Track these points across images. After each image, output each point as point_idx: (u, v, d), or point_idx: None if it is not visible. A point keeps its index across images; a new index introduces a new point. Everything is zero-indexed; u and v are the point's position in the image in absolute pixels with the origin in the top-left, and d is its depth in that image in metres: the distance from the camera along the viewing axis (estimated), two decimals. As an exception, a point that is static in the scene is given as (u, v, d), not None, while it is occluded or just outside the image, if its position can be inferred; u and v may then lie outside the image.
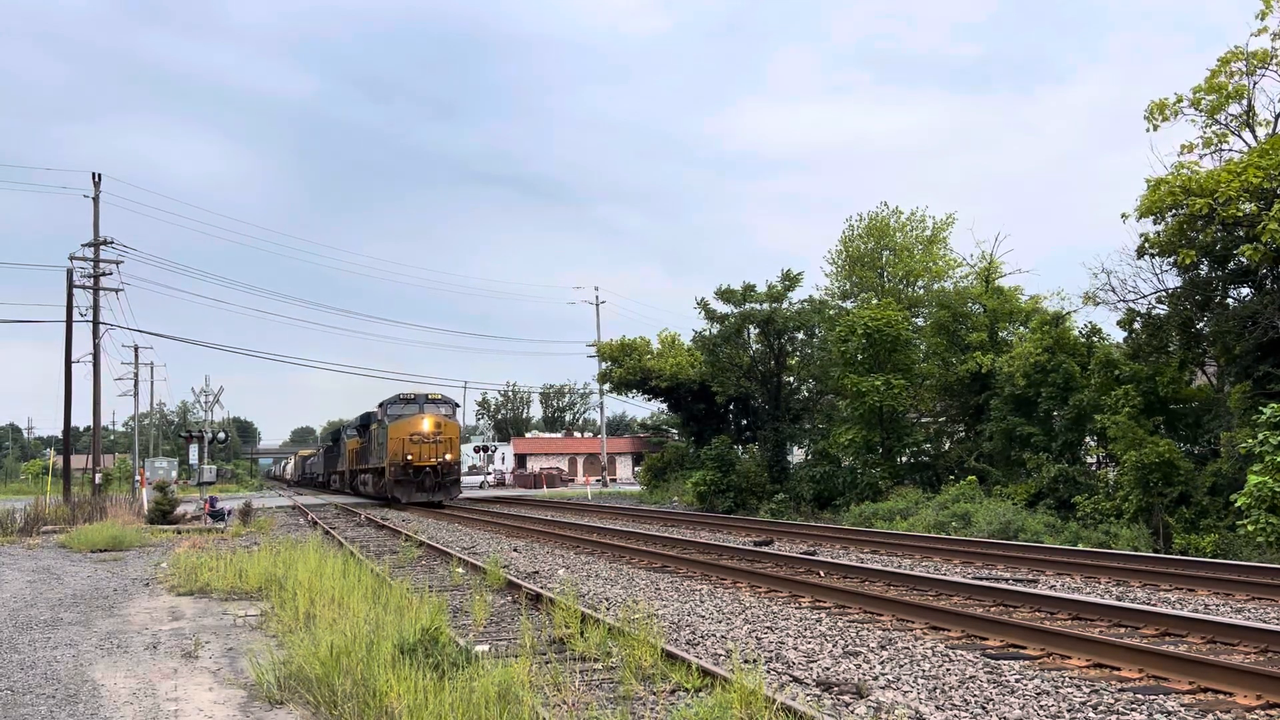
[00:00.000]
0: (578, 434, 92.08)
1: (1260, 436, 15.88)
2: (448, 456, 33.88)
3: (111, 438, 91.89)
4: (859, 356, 26.92)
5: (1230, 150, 20.74)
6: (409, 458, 33.05)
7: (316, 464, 71.76)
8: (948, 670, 6.83)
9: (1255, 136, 20.56)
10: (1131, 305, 22.21)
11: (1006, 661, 7.09)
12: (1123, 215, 20.61)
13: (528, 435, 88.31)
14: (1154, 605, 9.46)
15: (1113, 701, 5.92)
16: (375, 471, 37.56)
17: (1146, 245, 20.84)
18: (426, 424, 34.02)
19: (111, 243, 37.00)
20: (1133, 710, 5.74)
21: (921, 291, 35.09)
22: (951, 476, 24.91)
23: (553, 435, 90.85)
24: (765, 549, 15.94)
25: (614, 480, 68.22)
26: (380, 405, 36.87)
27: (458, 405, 37.88)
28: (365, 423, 41.73)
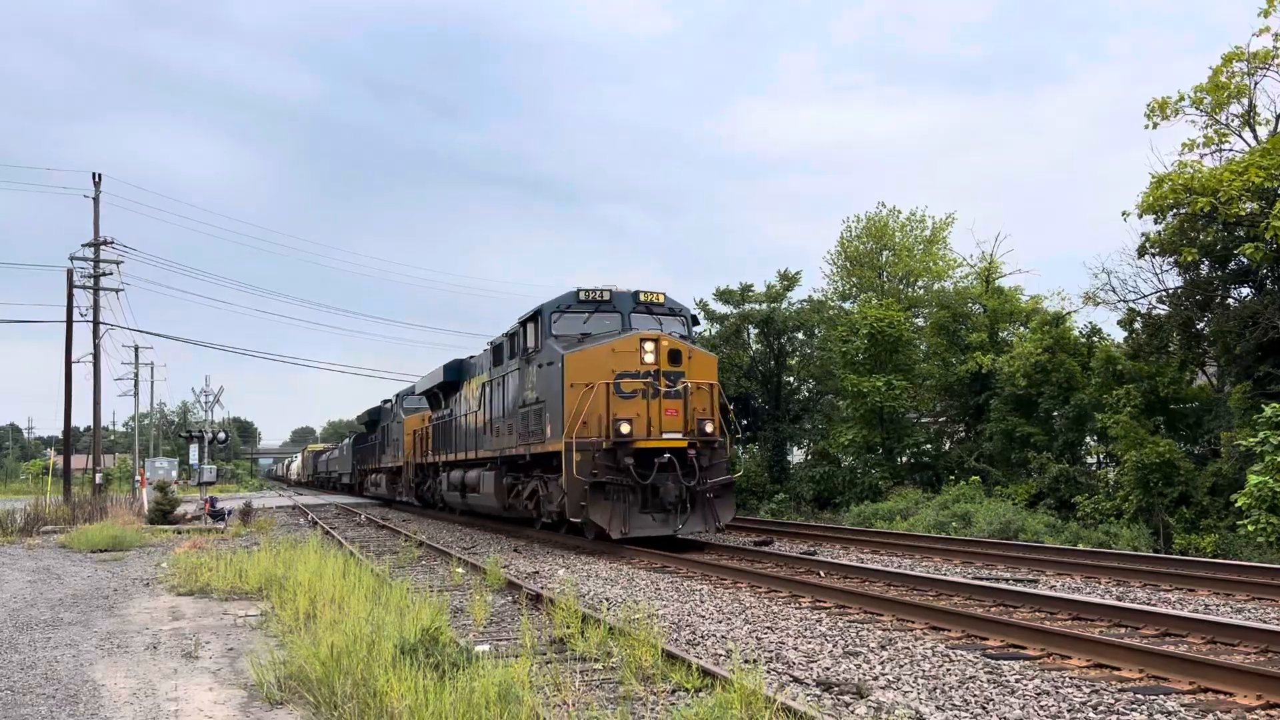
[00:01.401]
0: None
1: (1260, 436, 15.87)
2: (708, 428, 15.63)
3: (112, 438, 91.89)
4: (860, 357, 26.93)
5: (1231, 150, 20.74)
6: (622, 428, 14.94)
7: (338, 460, 56.42)
8: (948, 670, 6.83)
9: (1256, 136, 20.56)
10: (1132, 305, 22.21)
11: (1007, 661, 7.09)
12: (1123, 214, 20.59)
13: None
14: (1154, 605, 9.46)
15: (1113, 701, 5.92)
16: (511, 467, 18.88)
17: (1147, 244, 20.83)
18: (650, 351, 15.43)
19: (112, 243, 37.04)
20: (1133, 710, 5.73)
21: (921, 291, 35.07)
22: (952, 477, 24.90)
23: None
24: (765, 549, 15.93)
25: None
26: (531, 320, 17.25)
27: (696, 319, 18.53)
28: (454, 378, 23.97)
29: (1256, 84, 20.24)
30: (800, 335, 31.87)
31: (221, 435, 72.46)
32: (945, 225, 36.32)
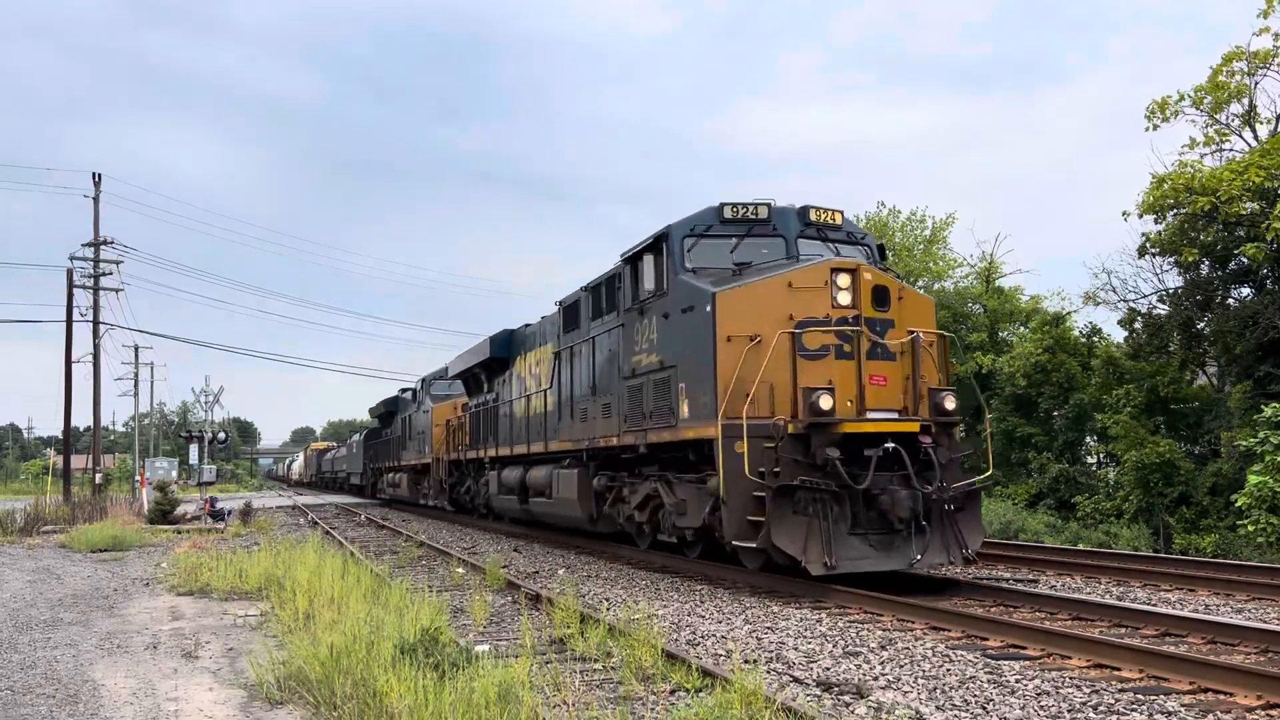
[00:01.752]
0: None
1: (1261, 436, 15.88)
2: (949, 403, 10.64)
3: (112, 438, 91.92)
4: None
5: (1231, 150, 20.76)
6: (821, 403, 9.79)
7: (346, 459, 51.58)
8: (948, 670, 6.82)
9: (1256, 136, 20.57)
10: (1132, 305, 22.25)
11: (1007, 662, 7.09)
12: (1124, 214, 20.64)
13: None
14: (1154, 605, 9.46)
15: (1113, 701, 5.91)
16: (606, 463, 14.39)
17: (1148, 244, 20.86)
18: (845, 287, 10.32)
19: (111, 243, 37.10)
20: (1133, 710, 5.73)
21: (921, 291, 35.08)
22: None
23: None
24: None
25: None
26: (650, 249, 12.04)
27: (884, 251, 12.92)
28: (502, 354, 19.88)
29: (1257, 84, 20.27)
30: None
31: (221, 435, 72.38)
32: (945, 225, 36.30)
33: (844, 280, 10.39)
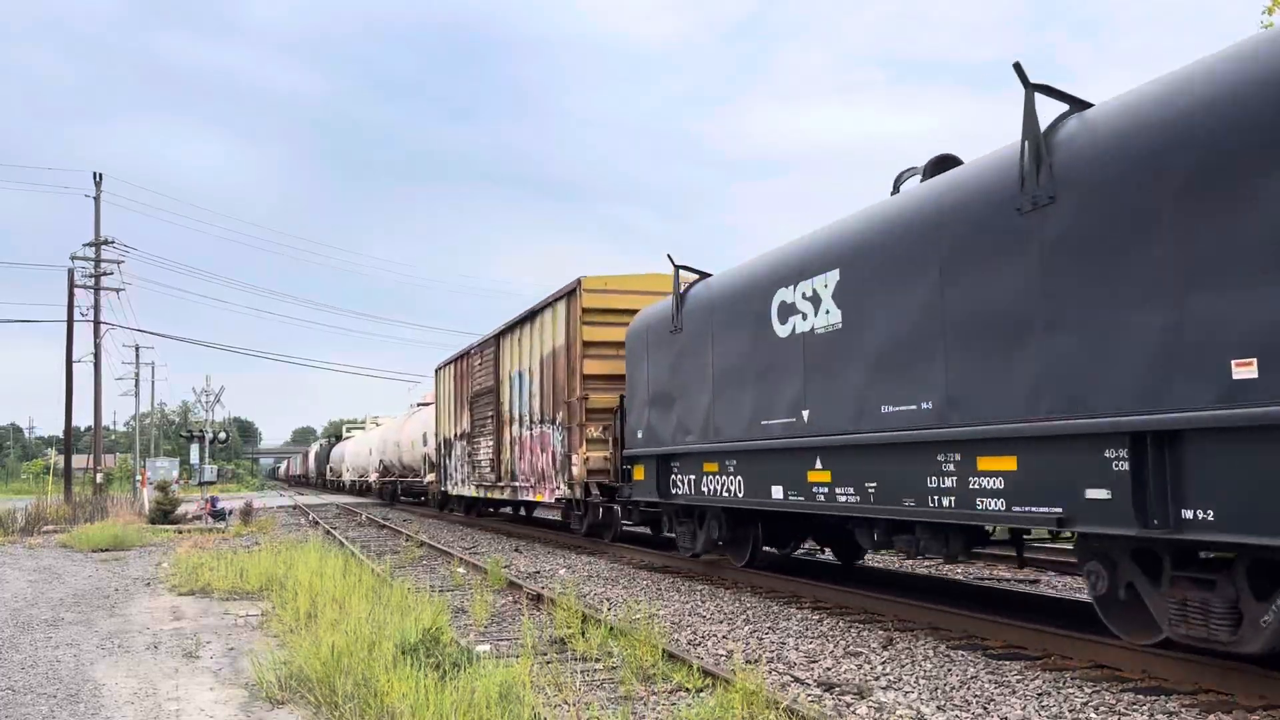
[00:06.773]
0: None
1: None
2: None
3: (112, 437, 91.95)
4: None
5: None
6: None
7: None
8: (949, 671, 6.83)
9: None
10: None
11: (1008, 662, 7.09)
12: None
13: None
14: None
15: (1114, 701, 5.91)
16: None
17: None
18: None
19: (113, 242, 37.14)
20: (1134, 710, 5.73)
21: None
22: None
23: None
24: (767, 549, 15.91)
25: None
26: None
27: None
28: None
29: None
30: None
31: (223, 435, 72.14)
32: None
33: None
